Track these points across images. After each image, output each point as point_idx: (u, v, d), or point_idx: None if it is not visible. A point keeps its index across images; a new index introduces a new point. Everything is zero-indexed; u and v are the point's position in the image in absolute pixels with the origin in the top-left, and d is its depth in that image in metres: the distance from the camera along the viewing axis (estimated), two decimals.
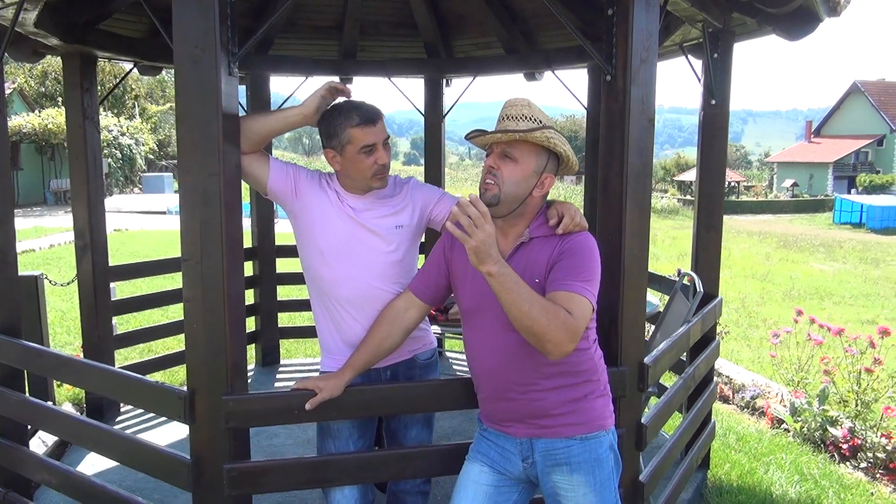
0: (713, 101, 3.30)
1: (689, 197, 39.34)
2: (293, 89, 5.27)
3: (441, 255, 2.13)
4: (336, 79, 5.32)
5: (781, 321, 9.95)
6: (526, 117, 1.89)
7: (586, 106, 4.70)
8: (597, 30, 3.81)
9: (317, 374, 2.23)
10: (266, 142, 2.14)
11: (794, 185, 47.50)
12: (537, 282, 1.87)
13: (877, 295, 13.67)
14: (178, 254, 2.14)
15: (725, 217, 3.78)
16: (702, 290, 3.04)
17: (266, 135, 2.11)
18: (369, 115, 2.06)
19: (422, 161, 5.87)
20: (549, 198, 2.00)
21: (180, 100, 1.95)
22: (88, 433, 2.56)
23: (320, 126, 2.12)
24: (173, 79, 2.03)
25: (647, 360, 2.40)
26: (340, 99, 2.14)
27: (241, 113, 2.13)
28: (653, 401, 3.40)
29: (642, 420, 2.42)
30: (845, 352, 4.55)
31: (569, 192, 37.26)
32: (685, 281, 3.39)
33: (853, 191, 44.40)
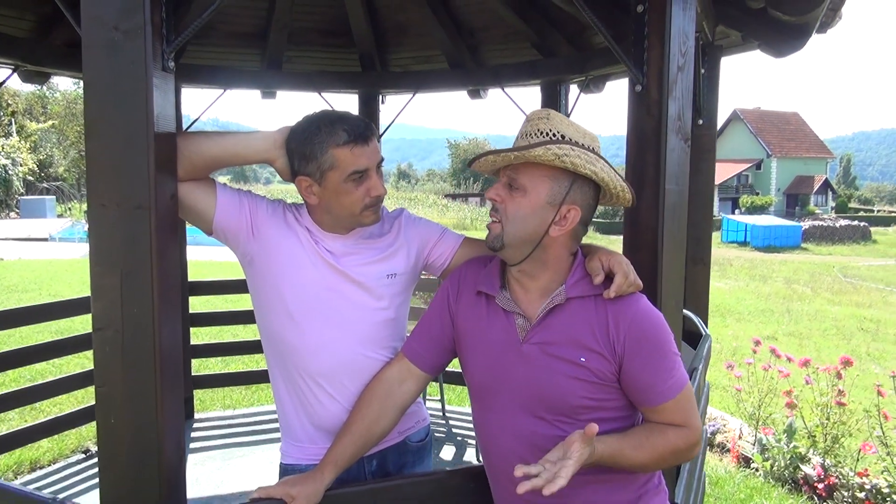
0: (700, 121, 3.01)
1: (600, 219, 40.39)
2: (206, 106, 4.63)
3: (445, 308, 1.65)
4: (257, 93, 4.74)
5: None
6: (542, 132, 1.44)
7: None
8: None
9: (248, 437, 1.68)
10: (214, 170, 1.59)
11: None
12: (583, 361, 1.43)
13: (771, 311, 14.43)
14: (66, 291, 1.55)
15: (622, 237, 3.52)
16: (706, 332, 2.70)
17: (215, 160, 1.55)
18: (360, 132, 1.55)
19: None
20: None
21: (91, 104, 1.38)
22: None
23: (290, 145, 1.59)
24: (57, 94, 1.45)
25: None
26: (317, 108, 1.62)
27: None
28: None
29: (677, 500, 2.01)
30: (806, 383, 4.38)
31: (475, 214, 37.38)
32: None
33: (737, 211, 47.33)
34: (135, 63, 1.37)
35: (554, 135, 1.44)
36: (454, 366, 2.42)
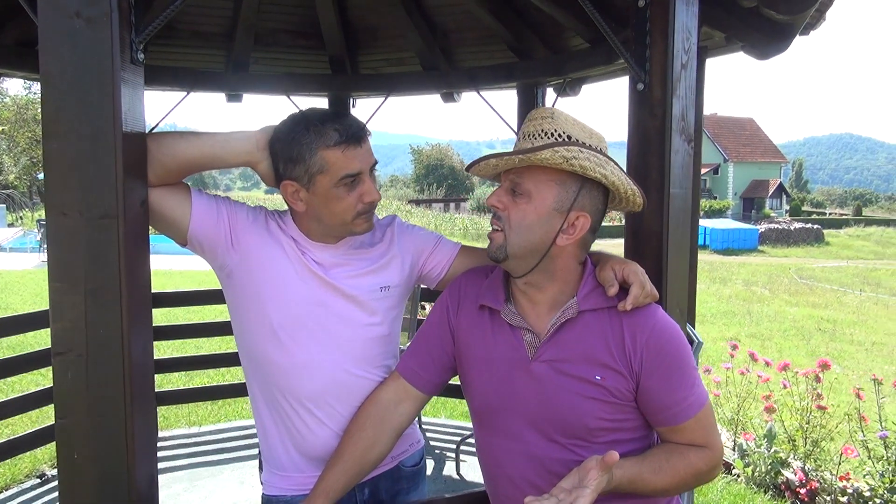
0: None
1: None
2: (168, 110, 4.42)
3: (444, 323, 1.52)
4: (222, 96, 4.56)
5: None
6: (547, 133, 1.33)
7: (516, 130, 4.25)
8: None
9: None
10: (188, 174, 1.43)
11: None
12: (599, 379, 1.32)
13: (732, 313, 14.70)
14: (19, 304, 1.38)
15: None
16: (701, 341, 2.63)
17: (190, 163, 1.40)
18: (352, 132, 1.42)
19: None
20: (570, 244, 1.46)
21: (49, 101, 1.22)
22: None
23: (275, 147, 1.45)
24: (6, 99, 1.29)
25: None
26: (285, 112, 1.49)
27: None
28: None
29: None
30: (784, 387, 4.37)
31: (439, 220, 37.31)
32: None
33: None
34: (100, 54, 1.22)
35: (559, 135, 1.33)
36: None
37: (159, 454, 4.17)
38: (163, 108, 4.29)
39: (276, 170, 1.45)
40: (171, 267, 15.49)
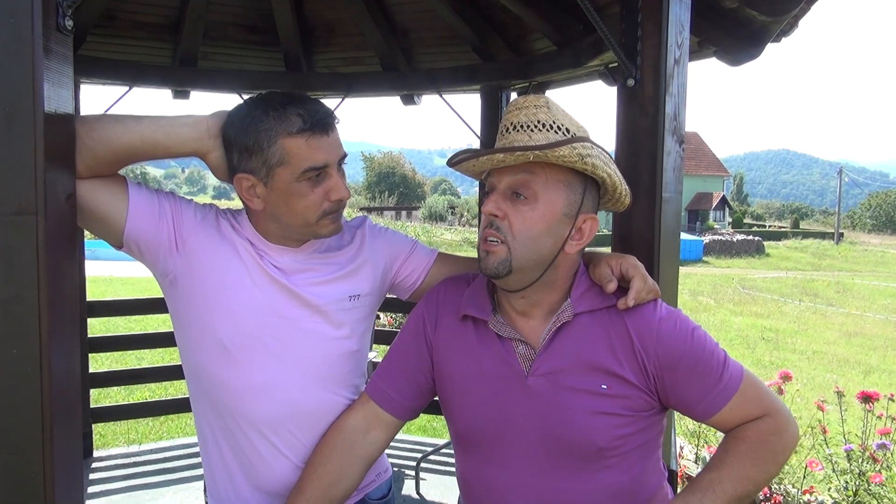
0: None
1: None
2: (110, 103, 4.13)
3: (420, 338, 1.35)
4: (168, 93, 4.29)
5: None
6: (544, 125, 1.17)
7: (479, 134, 4.12)
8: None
9: None
10: (125, 165, 1.23)
11: None
12: (605, 388, 1.18)
13: None
14: None
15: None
16: None
17: (128, 151, 1.19)
18: (318, 118, 1.24)
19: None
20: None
21: None
22: None
23: (228, 134, 1.25)
24: None
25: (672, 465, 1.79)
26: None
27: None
28: None
29: None
30: None
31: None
32: None
33: None
34: (15, 16, 1.01)
35: (559, 128, 1.18)
36: None
37: (94, 476, 3.86)
38: (102, 104, 4.00)
39: (229, 161, 1.26)
40: (111, 273, 14.86)
